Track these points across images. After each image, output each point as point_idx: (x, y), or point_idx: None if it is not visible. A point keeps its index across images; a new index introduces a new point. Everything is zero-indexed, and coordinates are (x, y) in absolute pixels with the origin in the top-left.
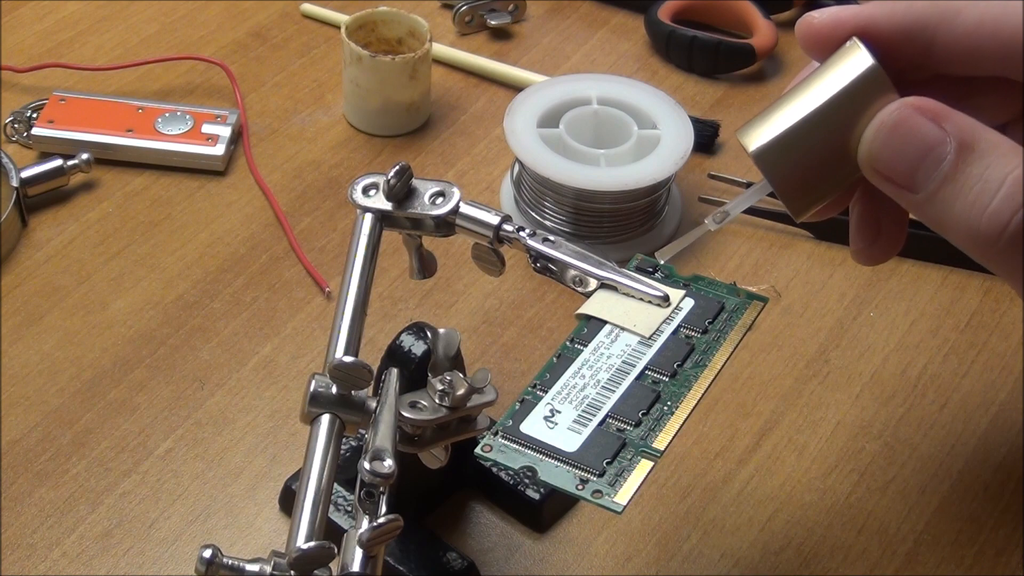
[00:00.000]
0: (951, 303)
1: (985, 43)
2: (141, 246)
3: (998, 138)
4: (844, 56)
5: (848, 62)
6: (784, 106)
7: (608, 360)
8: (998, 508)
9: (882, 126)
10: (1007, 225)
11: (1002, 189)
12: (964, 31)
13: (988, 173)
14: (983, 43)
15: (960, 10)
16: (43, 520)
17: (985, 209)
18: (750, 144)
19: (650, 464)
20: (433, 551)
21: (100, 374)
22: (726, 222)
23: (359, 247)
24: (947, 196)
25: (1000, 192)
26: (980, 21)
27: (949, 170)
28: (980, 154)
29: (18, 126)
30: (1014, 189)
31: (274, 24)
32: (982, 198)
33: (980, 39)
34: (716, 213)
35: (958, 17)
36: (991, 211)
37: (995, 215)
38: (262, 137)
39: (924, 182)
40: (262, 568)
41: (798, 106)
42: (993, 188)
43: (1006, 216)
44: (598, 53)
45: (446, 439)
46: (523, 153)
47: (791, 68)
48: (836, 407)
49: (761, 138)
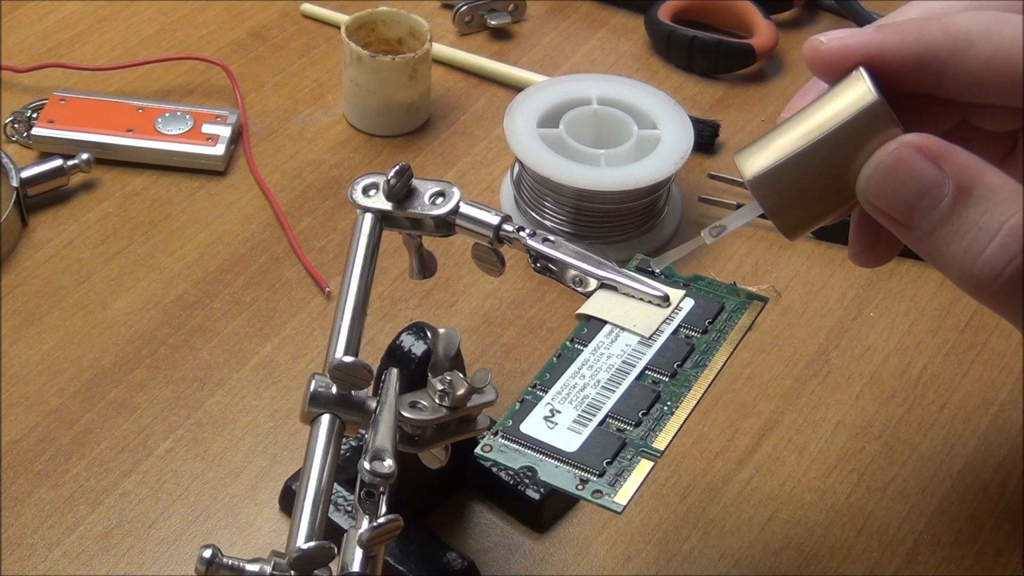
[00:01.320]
0: (951, 303)
1: (997, 77)
2: (141, 246)
3: (998, 181)
4: (848, 87)
5: (852, 94)
6: (784, 134)
7: (608, 360)
8: (998, 508)
9: (880, 165)
10: (1000, 273)
11: (997, 237)
12: (976, 64)
13: (984, 220)
14: (995, 77)
15: (973, 42)
16: (43, 520)
17: (979, 256)
18: (747, 171)
19: (650, 464)
20: (433, 551)
21: (100, 374)
22: (721, 236)
23: (359, 247)
24: (943, 238)
25: (995, 240)
26: (993, 55)
27: (946, 213)
28: (977, 199)
29: (18, 126)
30: (1009, 238)
31: (274, 24)
32: (976, 244)
33: (993, 73)
34: (713, 227)
35: (971, 50)
36: (985, 258)
37: (989, 262)
38: (262, 137)
39: (920, 222)
40: (262, 568)
41: (798, 135)
42: (988, 235)
43: (999, 265)
44: (598, 53)
45: (446, 439)
46: (523, 153)
47: (791, 68)
48: (836, 407)
49: (758, 165)
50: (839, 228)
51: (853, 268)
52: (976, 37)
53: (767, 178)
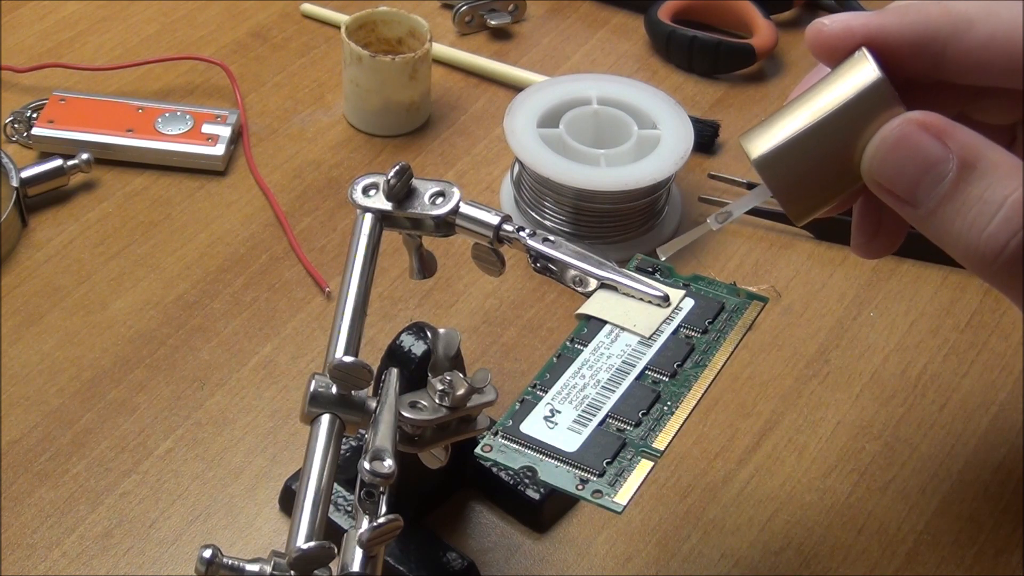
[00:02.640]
0: (951, 303)
1: (996, 57)
2: (141, 246)
3: (1001, 157)
4: (851, 67)
5: (855, 73)
6: (788, 114)
7: (608, 360)
8: (998, 508)
9: (884, 141)
10: (1004, 247)
11: (1001, 211)
12: (976, 44)
13: (988, 194)
14: (994, 57)
15: (973, 23)
16: (43, 520)
17: (983, 230)
18: (753, 151)
19: (650, 464)
20: (433, 551)
21: (100, 374)
22: (728, 222)
23: (359, 247)
24: (947, 214)
25: (999, 214)
26: (992, 35)
27: (949, 188)
28: (981, 173)
29: (18, 126)
30: (1012, 212)
31: (274, 24)
32: (980, 219)
33: (992, 53)
34: (719, 213)
35: (971, 30)
36: (989, 232)
37: (993, 236)
38: (262, 137)
39: (925, 199)
40: (262, 568)
41: (803, 115)
42: (992, 209)
43: (1004, 238)
44: (598, 53)
45: (446, 439)
46: (523, 153)
47: (791, 68)
48: (836, 407)
49: (764, 146)
50: (839, 228)
51: (853, 268)
52: (976, 18)
53: (773, 158)
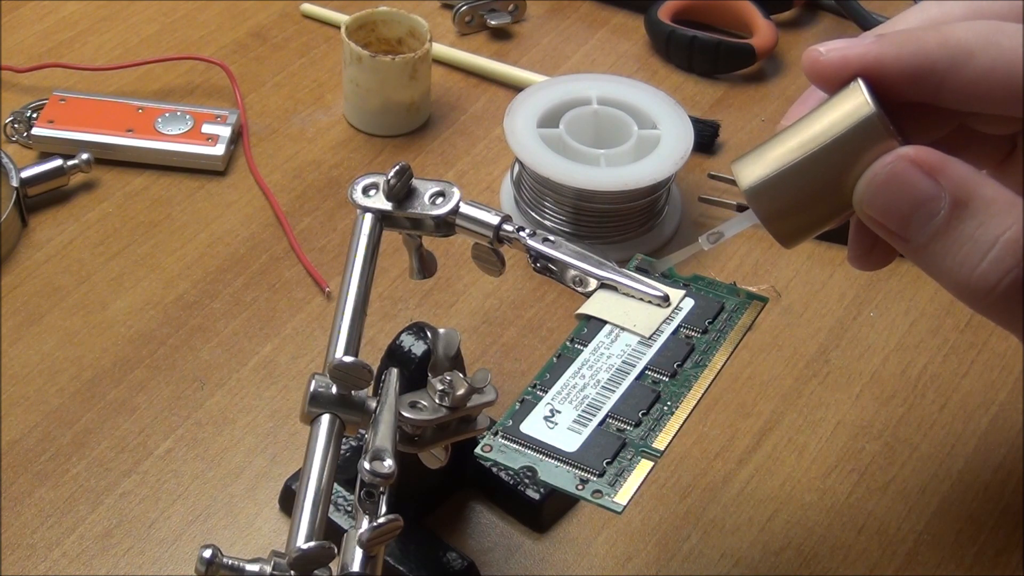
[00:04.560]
0: (951, 303)
1: (997, 88)
2: (141, 246)
3: (995, 193)
4: (846, 99)
5: (849, 106)
6: (781, 144)
7: (608, 360)
8: (998, 508)
9: (876, 177)
10: (996, 286)
11: (993, 251)
12: (976, 75)
13: (980, 233)
14: (995, 88)
15: (973, 54)
16: (43, 520)
17: (975, 269)
18: (743, 181)
19: (650, 464)
20: (433, 551)
21: (100, 374)
22: (720, 242)
23: (359, 247)
24: (938, 250)
25: (991, 254)
26: (992, 66)
27: (941, 225)
28: (973, 212)
29: (18, 126)
30: (1004, 252)
31: (274, 24)
32: (971, 258)
33: (992, 83)
34: (711, 233)
35: (970, 62)
36: (981, 271)
37: (984, 276)
38: (262, 137)
39: (916, 235)
40: (262, 568)
41: (795, 146)
42: (983, 249)
43: (994, 278)
44: (598, 53)
45: (446, 439)
46: (523, 153)
47: (791, 68)
48: (836, 407)
49: (754, 175)
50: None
51: (853, 268)
52: (975, 48)
53: (764, 188)
